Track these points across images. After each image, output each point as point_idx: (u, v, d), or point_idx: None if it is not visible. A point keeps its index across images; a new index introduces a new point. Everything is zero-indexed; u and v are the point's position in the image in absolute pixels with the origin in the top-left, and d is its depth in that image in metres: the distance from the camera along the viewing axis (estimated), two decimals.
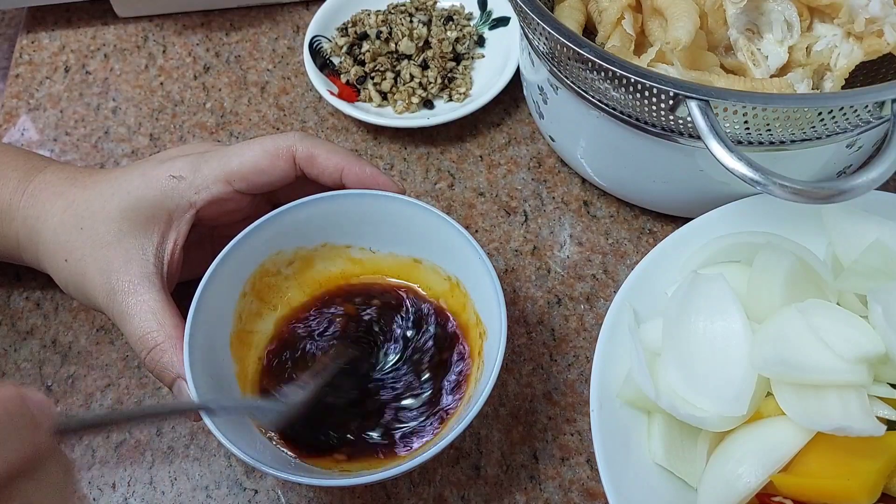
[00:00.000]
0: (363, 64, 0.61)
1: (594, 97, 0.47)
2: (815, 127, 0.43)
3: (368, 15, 0.63)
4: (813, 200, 0.40)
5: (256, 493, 0.46)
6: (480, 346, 0.44)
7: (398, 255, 0.48)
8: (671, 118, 0.44)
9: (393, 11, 0.63)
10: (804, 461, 0.38)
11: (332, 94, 0.60)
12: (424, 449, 0.39)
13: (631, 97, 0.44)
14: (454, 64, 0.62)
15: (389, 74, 0.61)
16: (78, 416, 0.33)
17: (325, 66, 0.62)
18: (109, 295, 0.43)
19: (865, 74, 0.52)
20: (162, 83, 0.65)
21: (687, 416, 0.39)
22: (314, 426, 0.44)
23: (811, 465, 0.37)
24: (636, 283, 0.45)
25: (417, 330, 0.47)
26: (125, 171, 0.46)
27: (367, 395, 0.45)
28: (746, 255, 0.45)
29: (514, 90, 0.61)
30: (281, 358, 0.46)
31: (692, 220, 0.47)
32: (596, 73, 0.44)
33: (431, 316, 0.47)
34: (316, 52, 0.62)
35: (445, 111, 0.59)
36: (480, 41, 0.64)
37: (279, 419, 0.42)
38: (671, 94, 0.42)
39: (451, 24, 0.63)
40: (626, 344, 0.42)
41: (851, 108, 0.41)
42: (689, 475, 0.41)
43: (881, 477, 0.36)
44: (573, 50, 0.43)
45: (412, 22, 0.62)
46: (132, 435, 0.48)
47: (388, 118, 0.59)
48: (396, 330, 0.47)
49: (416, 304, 0.48)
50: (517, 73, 0.59)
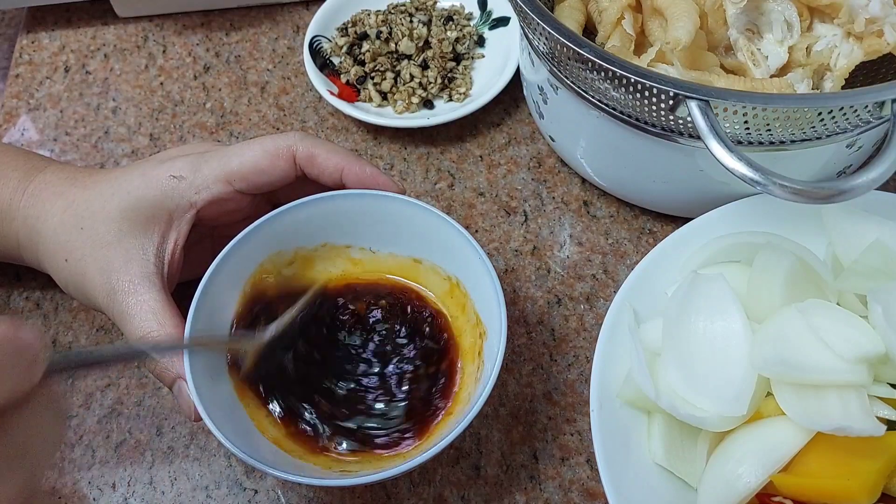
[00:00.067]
0: (363, 64, 0.61)
1: (594, 97, 0.47)
2: (815, 127, 0.43)
3: (368, 15, 0.63)
4: (813, 200, 0.40)
5: (256, 493, 0.46)
6: (480, 346, 0.44)
7: (398, 255, 0.48)
8: (671, 118, 0.44)
9: (393, 11, 0.64)
10: (804, 461, 0.38)
11: (332, 94, 0.60)
12: (422, 450, 0.39)
13: (631, 97, 0.44)
14: (454, 64, 0.62)
15: (389, 74, 0.61)
16: (71, 352, 0.32)
17: (325, 66, 0.62)
18: (109, 295, 0.43)
19: (865, 74, 0.52)
20: (162, 83, 0.65)
21: (687, 416, 0.39)
22: (297, 391, 0.44)
23: (811, 465, 0.37)
24: (636, 283, 0.45)
25: (409, 337, 0.46)
26: (125, 171, 0.46)
27: (345, 376, 0.45)
28: (746, 255, 0.45)
29: (514, 90, 0.61)
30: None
31: (692, 220, 0.47)
32: (596, 73, 0.44)
33: (427, 324, 0.47)
34: (316, 52, 0.62)
35: (445, 111, 0.59)
36: (480, 41, 0.64)
37: (258, 349, 0.43)
38: (671, 94, 0.42)
39: (451, 24, 0.63)
40: (626, 344, 0.42)
41: (851, 108, 0.41)
42: (689, 475, 0.41)
43: (881, 477, 0.36)
44: (573, 50, 0.43)
45: (412, 22, 0.62)
46: (132, 435, 0.48)
47: (388, 118, 0.59)
48: (386, 330, 0.47)
49: (415, 309, 0.47)
50: (517, 73, 0.59)
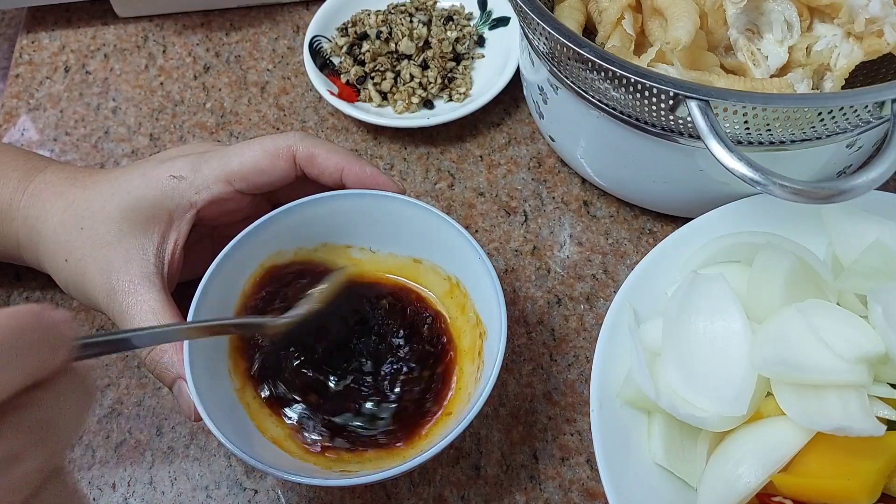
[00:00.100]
0: (363, 64, 0.61)
1: (594, 97, 0.47)
2: (815, 127, 0.43)
3: (368, 15, 0.63)
4: (813, 200, 0.40)
5: (256, 493, 0.46)
6: (480, 346, 0.44)
7: (398, 255, 0.48)
8: (671, 118, 0.44)
9: (393, 11, 0.63)
10: (804, 461, 0.38)
11: (332, 94, 0.60)
12: (421, 450, 0.39)
13: (631, 97, 0.44)
14: (454, 64, 0.62)
15: (389, 74, 0.61)
16: (99, 334, 0.32)
17: (325, 66, 0.62)
18: (110, 295, 0.43)
19: (865, 74, 0.52)
20: (162, 83, 0.65)
21: (687, 416, 0.39)
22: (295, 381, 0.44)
23: (811, 465, 0.37)
24: (636, 283, 0.45)
25: (407, 339, 0.46)
26: (125, 171, 0.46)
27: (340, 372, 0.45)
28: (746, 255, 0.45)
29: (514, 90, 0.61)
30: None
31: (692, 220, 0.47)
32: (596, 73, 0.44)
33: (426, 327, 0.46)
34: (316, 52, 0.62)
35: (445, 111, 0.59)
36: (480, 41, 0.64)
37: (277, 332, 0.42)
38: (671, 94, 0.42)
39: (451, 24, 0.63)
40: (626, 344, 0.42)
41: (851, 108, 0.41)
42: (689, 475, 0.41)
43: (881, 477, 0.36)
44: (573, 50, 0.43)
45: (412, 22, 0.62)
46: (132, 435, 0.48)
47: (388, 118, 0.59)
48: (384, 330, 0.47)
49: (415, 311, 0.47)
50: (517, 73, 0.59)
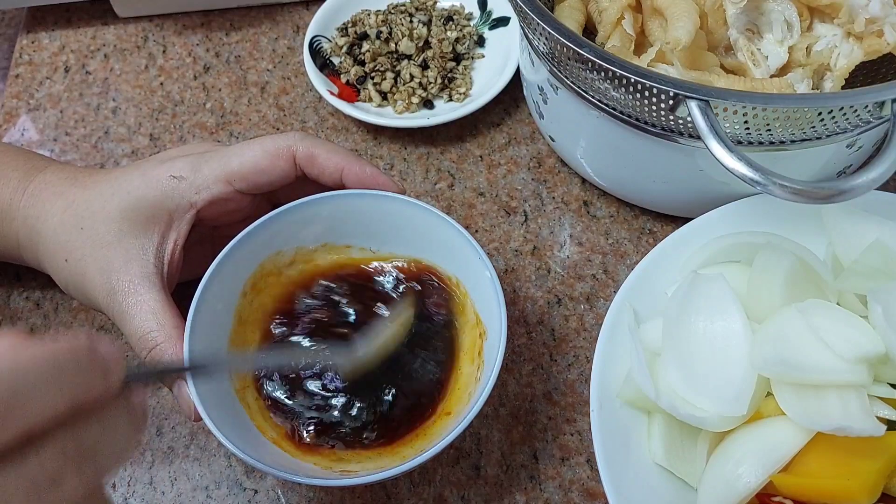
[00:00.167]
0: (363, 64, 0.61)
1: (594, 97, 0.47)
2: (815, 127, 0.43)
3: (368, 15, 0.63)
4: (813, 200, 0.40)
5: (256, 493, 0.46)
6: (480, 346, 0.44)
7: (398, 255, 0.48)
8: (671, 118, 0.44)
9: (393, 11, 0.63)
10: (804, 461, 0.38)
11: (332, 94, 0.60)
12: (421, 450, 0.39)
13: (631, 97, 0.44)
14: (454, 64, 0.62)
15: (389, 74, 0.61)
16: (152, 365, 0.32)
17: (325, 66, 0.62)
18: (109, 295, 0.43)
19: (865, 74, 0.52)
20: (162, 83, 0.65)
21: (687, 416, 0.39)
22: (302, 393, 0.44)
23: (811, 465, 0.37)
24: (636, 283, 0.45)
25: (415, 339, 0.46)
26: (125, 171, 0.46)
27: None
28: (746, 255, 0.45)
29: (514, 90, 0.61)
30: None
31: (692, 220, 0.47)
32: (596, 73, 0.44)
33: (436, 334, 0.46)
34: (316, 52, 0.62)
35: (445, 111, 0.59)
36: (480, 41, 0.64)
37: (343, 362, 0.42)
38: (671, 94, 0.42)
39: (451, 24, 0.63)
40: (626, 344, 0.42)
41: (851, 108, 0.41)
42: (689, 475, 0.41)
43: (881, 477, 0.36)
44: (573, 50, 0.43)
45: (412, 22, 0.62)
46: None
47: (388, 118, 0.59)
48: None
49: (428, 311, 0.47)
50: (517, 73, 0.59)
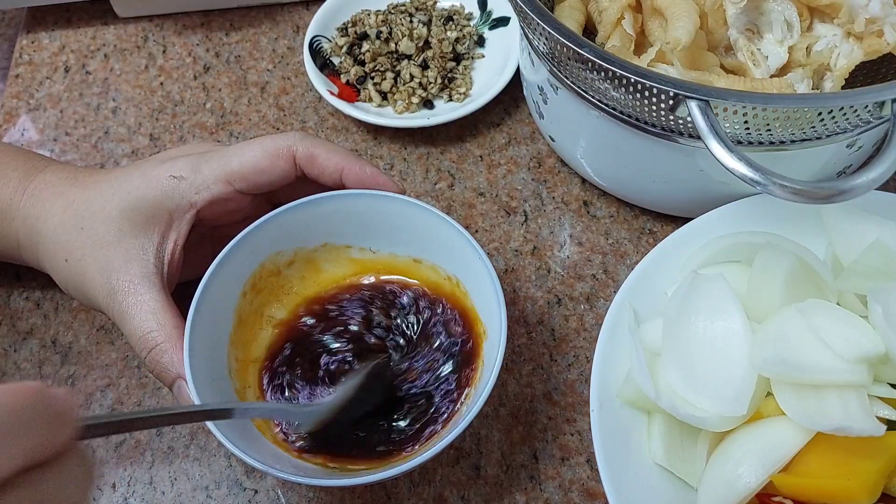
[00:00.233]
0: (363, 64, 0.61)
1: (594, 97, 0.47)
2: (815, 127, 0.43)
3: (368, 15, 0.63)
4: (813, 200, 0.40)
5: (256, 493, 0.46)
6: (480, 346, 0.44)
7: (398, 255, 0.48)
8: (671, 118, 0.44)
9: (393, 11, 0.63)
10: (804, 461, 0.38)
11: (332, 94, 0.60)
12: (424, 449, 0.39)
13: (631, 97, 0.44)
14: (454, 64, 0.62)
15: (389, 74, 0.61)
16: (102, 415, 0.32)
17: (325, 66, 0.62)
18: (109, 295, 0.43)
19: (865, 74, 0.52)
20: (162, 83, 0.65)
21: (687, 416, 0.39)
22: (342, 430, 0.43)
23: (811, 465, 0.37)
24: (636, 283, 0.45)
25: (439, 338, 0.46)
26: (125, 171, 0.46)
27: (388, 399, 0.45)
28: (746, 255, 0.45)
29: (514, 90, 0.61)
30: (283, 358, 0.46)
31: (692, 220, 0.47)
32: (596, 73, 0.44)
33: (457, 325, 0.46)
34: (316, 52, 0.62)
35: (445, 111, 0.59)
36: (480, 41, 0.64)
37: (307, 421, 0.42)
38: (671, 94, 0.42)
39: (451, 24, 0.63)
40: (626, 344, 0.42)
41: (851, 108, 0.41)
42: (689, 475, 0.41)
43: (881, 477, 0.36)
44: (573, 50, 0.43)
45: (412, 22, 0.62)
46: (132, 435, 0.48)
47: (388, 118, 0.59)
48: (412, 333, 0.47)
49: (440, 311, 0.47)
50: (517, 73, 0.59)
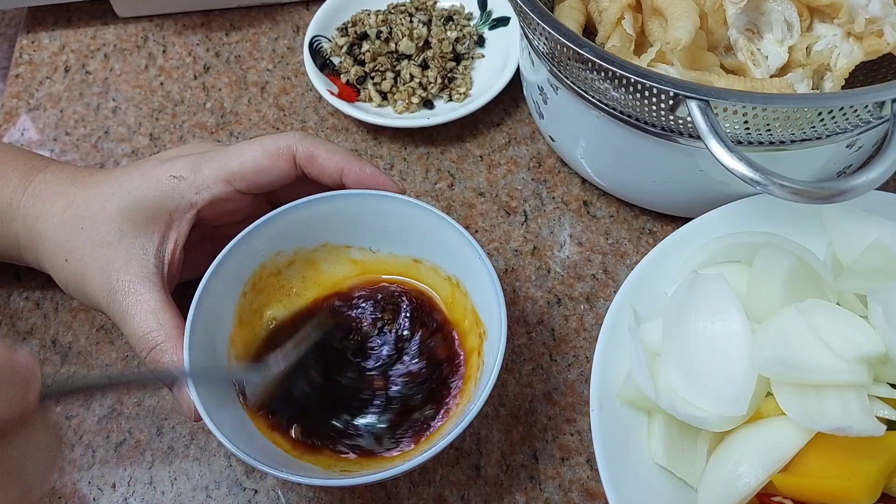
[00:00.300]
0: (363, 64, 0.61)
1: (594, 97, 0.47)
2: (815, 127, 0.43)
3: (368, 15, 0.63)
4: (813, 200, 0.40)
5: (256, 493, 0.46)
6: (480, 346, 0.44)
7: (398, 255, 0.48)
8: (671, 118, 0.44)
9: (393, 11, 0.63)
10: (804, 461, 0.38)
11: (332, 94, 0.60)
12: (421, 450, 0.39)
13: (631, 97, 0.44)
14: (454, 64, 0.62)
15: (389, 74, 0.61)
16: (64, 380, 0.32)
17: (325, 66, 0.62)
18: (110, 295, 0.43)
19: (865, 74, 0.52)
20: (162, 83, 0.65)
21: (687, 416, 0.39)
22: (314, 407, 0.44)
23: (811, 465, 0.37)
24: (636, 283, 0.45)
25: (418, 351, 0.46)
26: (125, 171, 0.46)
27: (357, 385, 0.45)
28: (746, 255, 0.45)
29: (514, 90, 0.61)
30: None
31: (692, 220, 0.47)
32: (596, 73, 0.44)
33: (436, 340, 0.47)
34: (316, 52, 0.62)
35: (445, 111, 0.59)
36: (480, 41, 0.64)
37: (265, 387, 0.42)
38: (671, 94, 0.42)
39: (451, 24, 0.63)
40: (626, 344, 0.42)
41: (851, 108, 0.41)
42: (689, 475, 0.41)
43: (881, 477, 0.36)
44: (573, 50, 0.43)
45: (412, 22, 0.62)
46: (132, 435, 0.48)
47: (388, 118, 0.59)
48: (394, 335, 0.47)
49: (422, 313, 0.47)
50: (517, 73, 0.59)
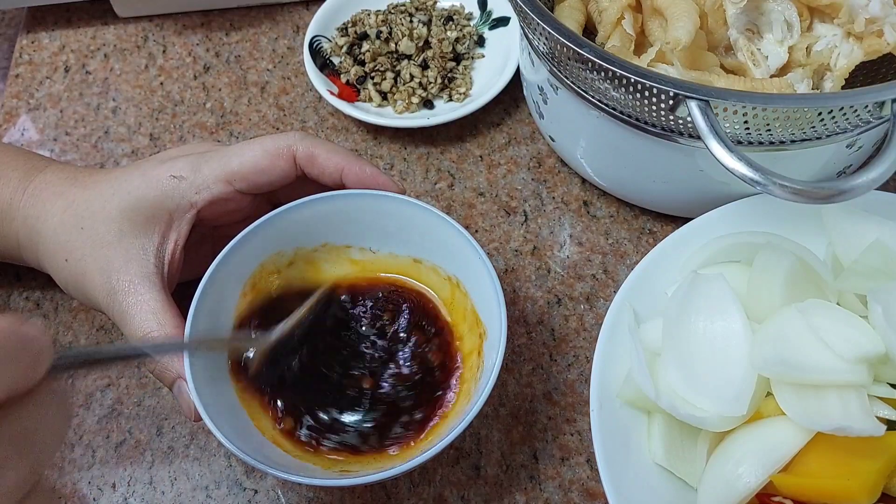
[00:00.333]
0: (363, 64, 0.61)
1: (594, 97, 0.47)
2: (815, 127, 0.43)
3: (368, 15, 0.63)
4: (813, 200, 0.40)
5: (256, 493, 0.46)
6: (480, 346, 0.44)
7: (398, 255, 0.48)
8: (671, 118, 0.44)
9: (393, 11, 0.63)
10: (804, 461, 0.38)
11: (332, 94, 0.60)
12: (421, 450, 0.39)
13: (631, 97, 0.44)
14: (454, 64, 0.62)
15: (389, 74, 0.61)
16: (75, 350, 0.32)
17: (325, 66, 0.62)
18: (110, 295, 0.43)
19: (865, 74, 0.52)
20: (162, 83, 0.65)
21: (687, 416, 0.39)
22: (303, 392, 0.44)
23: (811, 465, 0.37)
24: (636, 283, 0.45)
25: (412, 346, 0.47)
26: (125, 171, 0.46)
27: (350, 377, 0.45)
28: (746, 255, 0.45)
29: (514, 90, 0.61)
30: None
31: (692, 220, 0.47)
32: (596, 73, 0.44)
33: (431, 337, 0.47)
34: (316, 52, 0.62)
35: (445, 111, 0.59)
36: (480, 41, 0.64)
37: (260, 353, 0.43)
38: (671, 94, 0.42)
39: (451, 24, 0.63)
40: (626, 344, 0.42)
41: (851, 108, 0.41)
42: (689, 475, 0.41)
43: (881, 477, 0.36)
44: (573, 50, 0.43)
45: (412, 22, 0.62)
46: (132, 435, 0.48)
47: (388, 118, 0.59)
48: (389, 334, 0.47)
49: (420, 316, 0.47)
50: (517, 73, 0.59)
